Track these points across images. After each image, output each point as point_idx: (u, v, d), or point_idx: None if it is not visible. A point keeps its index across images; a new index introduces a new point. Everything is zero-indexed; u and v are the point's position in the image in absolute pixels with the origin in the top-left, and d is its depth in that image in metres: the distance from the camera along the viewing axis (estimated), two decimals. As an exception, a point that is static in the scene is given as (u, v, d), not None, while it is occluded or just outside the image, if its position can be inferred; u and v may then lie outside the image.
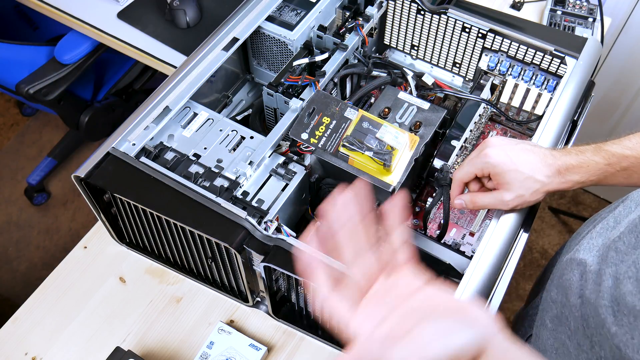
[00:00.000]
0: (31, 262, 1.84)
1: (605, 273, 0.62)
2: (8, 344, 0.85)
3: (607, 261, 0.63)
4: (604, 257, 0.64)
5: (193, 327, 0.87)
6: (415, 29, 1.02)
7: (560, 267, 0.75)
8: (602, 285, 0.61)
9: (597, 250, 0.67)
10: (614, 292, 0.60)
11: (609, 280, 0.61)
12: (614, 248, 0.63)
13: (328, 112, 0.81)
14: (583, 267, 0.67)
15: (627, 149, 0.69)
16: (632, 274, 0.58)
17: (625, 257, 0.60)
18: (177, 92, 0.84)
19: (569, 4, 1.20)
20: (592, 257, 0.67)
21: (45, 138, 2.10)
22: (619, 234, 0.64)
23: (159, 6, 1.27)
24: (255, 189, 0.79)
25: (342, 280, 0.47)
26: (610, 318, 0.59)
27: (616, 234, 0.64)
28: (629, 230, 0.62)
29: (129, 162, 0.77)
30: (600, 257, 0.65)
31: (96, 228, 0.95)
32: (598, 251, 0.66)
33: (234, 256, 0.74)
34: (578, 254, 0.70)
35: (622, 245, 0.62)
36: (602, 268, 0.63)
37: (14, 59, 1.44)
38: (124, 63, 1.69)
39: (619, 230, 0.65)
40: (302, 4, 0.97)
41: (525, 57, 0.93)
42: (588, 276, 0.65)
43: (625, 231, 0.63)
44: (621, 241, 0.62)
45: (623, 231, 0.63)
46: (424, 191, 0.93)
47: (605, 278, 0.61)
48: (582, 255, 0.68)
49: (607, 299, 0.60)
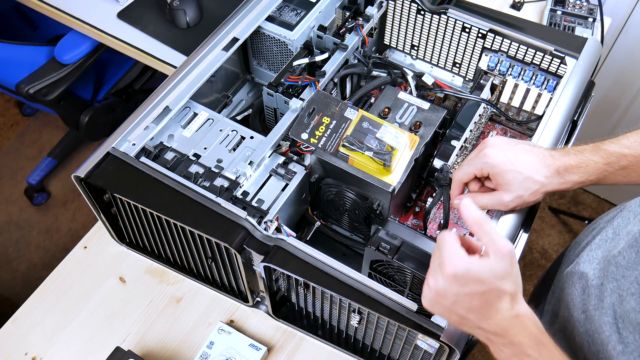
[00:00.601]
0: (31, 262, 1.84)
1: (607, 289, 0.62)
2: (8, 344, 0.85)
3: (607, 276, 0.63)
4: (605, 271, 0.64)
5: (193, 327, 0.87)
6: (415, 29, 1.02)
7: (561, 279, 0.75)
8: (605, 301, 0.61)
9: (598, 262, 0.67)
10: (617, 309, 0.60)
11: (612, 296, 0.61)
12: (615, 263, 0.63)
13: (328, 112, 0.81)
14: (585, 281, 0.67)
15: (626, 148, 0.69)
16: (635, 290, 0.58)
17: (627, 273, 0.60)
18: (177, 92, 0.84)
19: (569, 4, 1.20)
20: (592, 270, 0.67)
21: (45, 138, 2.10)
22: (620, 248, 0.63)
23: (159, 6, 1.27)
24: (255, 189, 0.79)
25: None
26: (615, 336, 0.59)
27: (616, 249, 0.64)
28: (629, 245, 0.62)
29: (129, 162, 0.77)
30: (601, 270, 0.65)
31: (96, 228, 0.95)
32: (598, 264, 0.66)
33: (234, 256, 0.74)
34: (578, 266, 0.69)
35: (622, 260, 0.61)
36: (604, 283, 0.63)
37: (14, 59, 1.44)
38: (124, 63, 1.69)
39: (619, 244, 0.65)
40: (302, 4, 0.97)
41: (525, 57, 0.93)
42: (590, 291, 0.65)
43: (625, 246, 0.63)
44: (621, 256, 0.62)
45: (623, 246, 0.63)
46: (424, 191, 0.93)
47: (607, 294, 0.61)
48: (583, 268, 0.68)
49: (610, 316, 0.60)
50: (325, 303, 0.78)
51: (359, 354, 0.83)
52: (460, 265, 0.55)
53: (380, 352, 0.81)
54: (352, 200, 0.80)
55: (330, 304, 0.77)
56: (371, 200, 0.78)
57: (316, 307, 0.81)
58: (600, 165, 0.69)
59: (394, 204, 0.78)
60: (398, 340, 0.74)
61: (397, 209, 0.87)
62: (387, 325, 0.73)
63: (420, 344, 0.70)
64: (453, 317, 0.59)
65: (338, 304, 0.75)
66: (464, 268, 0.55)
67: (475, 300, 0.56)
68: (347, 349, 0.83)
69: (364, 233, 0.88)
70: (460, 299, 0.56)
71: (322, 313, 0.81)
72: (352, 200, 0.80)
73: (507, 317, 0.56)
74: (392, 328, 0.72)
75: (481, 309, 0.56)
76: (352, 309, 0.74)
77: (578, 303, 0.67)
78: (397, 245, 0.72)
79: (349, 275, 0.69)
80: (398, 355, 0.77)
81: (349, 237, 0.91)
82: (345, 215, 0.85)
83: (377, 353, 0.81)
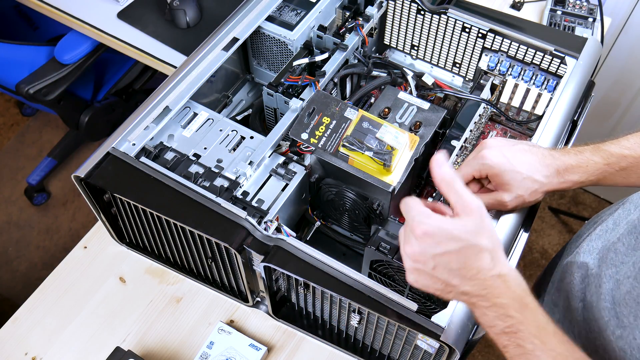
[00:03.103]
0: (31, 262, 1.83)
1: (606, 275, 0.62)
2: (8, 344, 0.85)
3: (606, 263, 0.63)
4: (604, 259, 0.64)
5: (193, 327, 0.87)
6: (415, 29, 1.02)
7: (560, 270, 0.75)
8: (603, 287, 0.61)
9: (597, 252, 0.67)
10: (615, 294, 0.59)
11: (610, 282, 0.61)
12: (614, 250, 0.63)
13: (328, 112, 0.81)
14: (584, 270, 0.67)
15: (626, 149, 0.69)
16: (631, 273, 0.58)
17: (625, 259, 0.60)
18: (177, 92, 0.84)
19: (569, 4, 1.20)
20: (592, 259, 0.66)
21: (45, 138, 2.10)
22: (619, 235, 0.63)
23: (159, 6, 1.27)
24: (255, 189, 0.79)
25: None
26: (613, 321, 0.59)
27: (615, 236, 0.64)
28: (628, 232, 0.62)
29: (129, 162, 0.77)
30: (600, 259, 0.65)
31: (96, 228, 0.95)
32: (598, 254, 0.66)
33: (234, 256, 0.74)
34: (578, 257, 0.69)
35: (621, 247, 0.62)
36: (602, 270, 0.63)
37: (14, 59, 1.44)
38: (124, 63, 1.69)
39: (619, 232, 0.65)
40: (302, 4, 0.97)
41: (525, 57, 0.93)
42: (590, 280, 0.65)
43: (624, 232, 0.63)
44: (620, 242, 0.62)
45: (622, 233, 0.63)
46: (424, 191, 0.93)
47: (605, 280, 0.61)
48: (583, 258, 0.68)
49: (608, 301, 0.60)
50: (325, 303, 0.78)
51: (359, 354, 0.83)
52: (430, 223, 0.55)
53: (380, 352, 0.81)
54: (352, 200, 0.80)
55: (330, 304, 0.77)
56: (371, 200, 0.78)
57: (316, 307, 0.81)
58: (601, 165, 0.69)
59: (394, 204, 0.78)
60: (398, 340, 0.74)
61: (397, 209, 0.87)
62: (387, 325, 0.73)
63: (420, 344, 0.70)
64: (437, 285, 0.57)
65: (338, 304, 0.75)
66: (434, 225, 0.54)
67: (453, 260, 0.55)
68: (347, 349, 0.83)
69: (364, 233, 0.88)
70: (438, 260, 0.55)
71: (322, 313, 0.81)
72: (352, 200, 0.80)
73: (488, 277, 0.55)
74: (392, 328, 0.72)
75: (461, 270, 0.55)
76: (352, 309, 0.74)
77: (577, 292, 0.67)
78: (397, 245, 0.72)
79: (349, 275, 0.69)
80: (398, 355, 0.77)
81: (349, 237, 0.91)
82: (345, 215, 0.85)
83: (377, 353, 0.81)
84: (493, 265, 0.55)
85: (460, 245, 0.54)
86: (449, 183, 0.55)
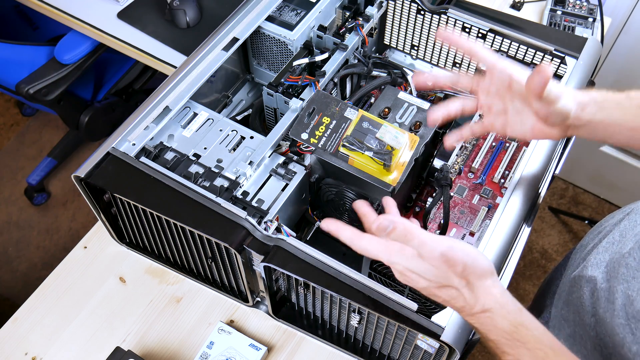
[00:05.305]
0: (31, 262, 1.84)
1: (617, 290, 0.61)
2: (8, 344, 0.85)
3: (617, 278, 0.62)
4: (614, 273, 0.63)
5: (193, 327, 0.87)
6: (415, 29, 1.02)
7: (567, 283, 0.74)
8: (616, 303, 0.61)
9: (605, 266, 0.66)
10: (628, 310, 0.59)
11: (622, 297, 0.60)
12: (625, 264, 0.62)
13: (328, 112, 0.81)
14: (593, 284, 0.66)
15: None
16: None
17: (637, 274, 0.60)
18: (177, 92, 0.84)
19: (569, 4, 1.20)
20: (600, 273, 0.66)
21: (45, 138, 2.10)
22: (629, 249, 0.63)
23: (159, 6, 1.27)
24: (255, 189, 0.79)
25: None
26: (629, 337, 0.59)
27: (625, 250, 0.64)
28: (638, 246, 0.62)
29: (129, 162, 0.77)
30: (609, 273, 0.64)
31: (96, 228, 0.95)
32: (606, 267, 0.66)
33: (234, 256, 0.74)
34: (586, 270, 0.69)
35: (632, 262, 0.61)
36: (613, 285, 0.62)
37: (14, 59, 1.44)
38: (124, 63, 1.69)
39: (628, 245, 0.64)
40: (302, 4, 0.97)
41: (525, 57, 0.93)
42: (600, 294, 0.64)
43: (635, 247, 0.62)
44: (631, 257, 0.62)
45: (632, 247, 0.63)
46: (424, 191, 0.93)
47: (617, 295, 0.61)
48: (591, 272, 0.68)
49: (622, 317, 0.60)
50: (325, 303, 0.78)
51: (359, 354, 0.83)
52: (401, 263, 0.57)
53: (380, 352, 0.81)
54: (352, 200, 0.80)
55: (330, 304, 0.77)
56: (371, 200, 0.78)
57: (316, 307, 0.81)
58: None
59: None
60: (398, 340, 0.74)
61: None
62: (387, 325, 0.73)
63: (420, 344, 0.70)
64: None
65: (338, 304, 0.75)
66: (405, 267, 0.57)
67: (437, 295, 0.58)
68: (347, 349, 0.83)
69: (364, 233, 0.88)
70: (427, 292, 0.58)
71: (322, 313, 0.81)
72: (352, 200, 0.80)
73: (473, 314, 0.56)
74: (392, 328, 0.72)
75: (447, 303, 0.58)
76: (352, 309, 0.74)
77: (587, 307, 0.66)
78: (397, 245, 0.72)
79: (349, 275, 0.69)
80: (398, 355, 0.77)
81: (349, 237, 0.91)
82: (345, 215, 0.85)
83: (377, 353, 0.82)
84: (474, 301, 0.55)
85: (434, 285, 0.56)
86: (408, 231, 0.55)
